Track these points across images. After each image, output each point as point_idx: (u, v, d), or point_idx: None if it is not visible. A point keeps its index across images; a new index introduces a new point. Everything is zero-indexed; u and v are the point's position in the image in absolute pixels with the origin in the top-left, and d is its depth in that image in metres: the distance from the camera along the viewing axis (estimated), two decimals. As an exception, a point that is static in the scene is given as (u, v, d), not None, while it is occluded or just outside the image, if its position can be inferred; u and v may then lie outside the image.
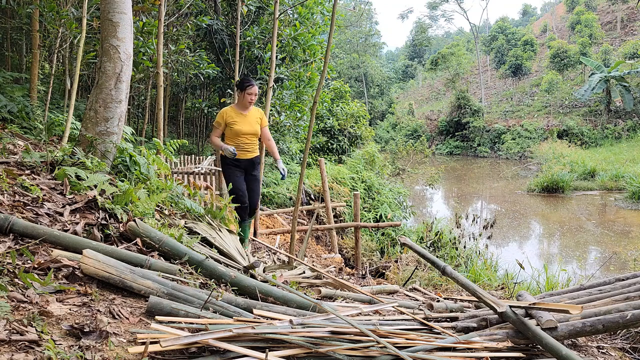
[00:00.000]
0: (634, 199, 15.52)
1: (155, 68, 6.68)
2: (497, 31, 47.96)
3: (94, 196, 2.80)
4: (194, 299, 2.08)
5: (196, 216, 3.75)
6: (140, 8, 6.76)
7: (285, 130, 12.04)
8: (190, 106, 14.34)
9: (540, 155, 26.20)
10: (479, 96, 41.41)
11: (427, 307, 3.00)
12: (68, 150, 3.34)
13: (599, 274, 7.03)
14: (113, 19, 3.55)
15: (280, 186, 11.99)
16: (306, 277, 3.92)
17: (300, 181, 5.02)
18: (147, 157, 3.71)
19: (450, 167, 27.93)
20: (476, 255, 7.74)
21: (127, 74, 3.62)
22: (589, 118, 31.17)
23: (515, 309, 2.28)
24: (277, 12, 6.27)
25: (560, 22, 52.96)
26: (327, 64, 5.04)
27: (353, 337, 1.90)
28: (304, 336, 1.82)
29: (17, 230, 2.19)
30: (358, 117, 17.97)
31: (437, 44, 64.13)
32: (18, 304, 1.66)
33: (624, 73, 28.11)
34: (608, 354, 2.47)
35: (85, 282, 2.00)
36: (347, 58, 43.68)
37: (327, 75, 12.64)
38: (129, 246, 2.56)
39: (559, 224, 13.75)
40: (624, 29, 42.81)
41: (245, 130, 4.52)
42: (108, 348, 1.58)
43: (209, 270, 2.65)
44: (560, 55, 35.14)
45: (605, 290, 2.84)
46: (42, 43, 6.76)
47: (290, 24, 11.38)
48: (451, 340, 2.10)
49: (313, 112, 4.81)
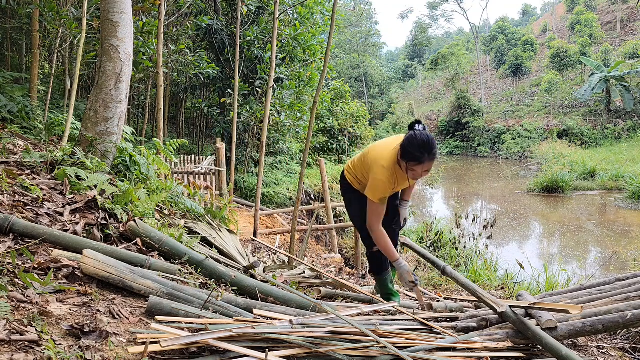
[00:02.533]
0: (634, 199, 15.52)
1: (155, 68, 6.68)
2: (497, 31, 47.96)
3: (94, 196, 2.80)
4: (194, 299, 2.08)
5: (196, 216, 3.75)
6: (140, 8, 6.76)
7: (285, 130, 12.05)
8: (190, 106, 14.34)
9: (540, 155, 26.20)
10: (479, 96, 41.41)
11: (427, 307, 3.00)
12: (68, 150, 3.34)
13: (599, 274, 7.03)
14: (113, 19, 3.55)
15: (280, 186, 11.99)
16: (306, 277, 3.92)
17: (300, 181, 5.02)
18: (147, 157, 3.71)
19: (450, 167, 27.93)
20: (476, 255, 7.74)
21: (127, 74, 3.62)
22: (589, 118, 31.17)
23: (515, 309, 2.28)
24: (277, 12, 6.27)
25: (560, 22, 52.96)
26: (327, 64, 5.04)
27: (353, 337, 1.90)
28: (304, 336, 1.82)
29: (17, 230, 2.19)
30: (358, 117, 17.97)
31: (437, 44, 64.14)
32: (18, 304, 1.66)
33: (624, 73, 28.11)
34: (608, 354, 2.47)
35: (85, 282, 2.00)
36: (347, 58, 43.68)
37: (327, 75, 12.64)
38: (129, 246, 2.56)
39: (559, 224, 13.75)
40: (624, 29, 42.81)
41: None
42: (108, 348, 1.58)
43: (209, 270, 2.65)
44: (560, 55, 35.14)
45: (605, 290, 2.84)
46: (42, 43, 6.76)
47: (290, 24, 11.38)
48: (451, 340, 2.10)
49: (313, 112, 4.81)
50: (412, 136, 2.60)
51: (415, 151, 2.60)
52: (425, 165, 2.64)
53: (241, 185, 11.31)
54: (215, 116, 11.90)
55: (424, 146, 2.58)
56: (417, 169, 2.66)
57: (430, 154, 2.60)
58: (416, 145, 2.60)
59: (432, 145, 2.60)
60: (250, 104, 11.03)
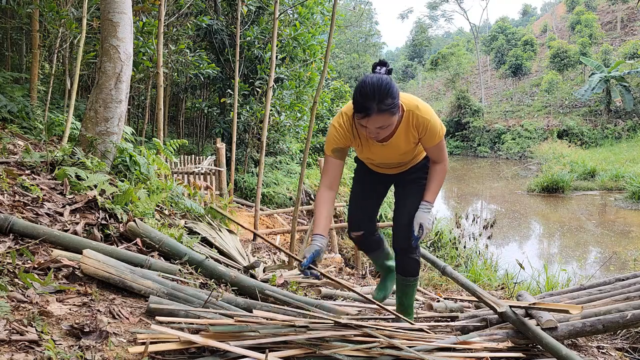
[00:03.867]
0: (634, 199, 15.52)
1: (155, 68, 6.68)
2: (497, 31, 47.96)
3: (94, 196, 2.80)
4: (194, 299, 2.08)
5: (196, 216, 3.75)
6: (140, 8, 6.77)
7: (285, 130, 12.05)
8: (190, 106, 14.34)
9: (540, 155, 26.20)
10: (479, 96, 41.41)
11: (427, 307, 3.00)
12: (68, 150, 3.34)
13: (599, 274, 7.03)
14: (113, 19, 3.56)
15: (280, 186, 11.99)
16: (306, 277, 3.92)
17: (300, 181, 5.02)
18: (147, 157, 3.71)
19: (450, 167, 27.87)
20: (476, 255, 7.74)
21: (127, 74, 3.62)
22: (589, 118, 31.17)
23: (515, 309, 2.29)
24: (277, 12, 6.27)
25: (560, 22, 52.95)
26: (327, 64, 5.04)
27: (353, 337, 1.90)
28: (304, 337, 1.82)
29: (17, 230, 2.19)
30: (358, 117, 17.95)
31: (437, 44, 64.15)
32: (18, 304, 1.66)
33: (624, 73, 28.11)
34: (608, 354, 2.47)
35: (85, 282, 2.00)
36: (347, 58, 43.64)
37: (327, 75, 12.64)
38: (129, 246, 2.56)
39: (559, 224, 13.75)
40: (624, 29, 42.80)
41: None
42: (108, 348, 1.58)
43: (209, 270, 2.66)
44: (560, 55, 35.13)
45: (605, 290, 2.84)
46: (42, 43, 6.75)
47: (290, 24, 11.37)
48: (451, 340, 2.10)
49: (313, 112, 4.81)
50: (362, 81, 1.98)
51: (360, 99, 1.96)
52: (373, 120, 1.97)
53: (241, 185, 11.31)
54: (215, 116, 11.90)
55: (371, 93, 1.93)
56: (367, 124, 2.01)
57: (381, 103, 1.93)
58: (363, 92, 1.95)
59: (383, 92, 1.93)
60: (250, 104, 11.03)
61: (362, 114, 1.97)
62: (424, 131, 2.18)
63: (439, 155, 2.30)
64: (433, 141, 2.23)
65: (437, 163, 2.33)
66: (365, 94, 1.94)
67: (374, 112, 1.94)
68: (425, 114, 2.15)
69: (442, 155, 2.31)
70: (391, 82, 1.97)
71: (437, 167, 2.33)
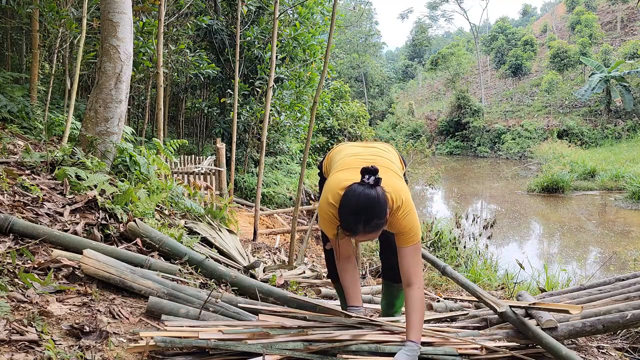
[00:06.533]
0: (634, 199, 15.51)
1: (155, 68, 6.68)
2: (497, 31, 47.96)
3: (94, 196, 2.80)
4: (194, 299, 2.08)
5: (196, 216, 3.75)
6: (140, 8, 6.77)
7: (285, 130, 12.05)
8: (190, 106, 14.34)
9: (540, 155, 26.19)
10: (479, 96, 41.40)
11: (427, 307, 3.00)
12: (68, 150, 3.35)
13: (599, 274, 7.02)
14: (113, 19, 3.56)
15: (280, 186, 11.99)
16: (306, 277, 3.92)
17: (300, 181, 5.02)
18: (147, 157, 3.71)
19: (450, 167, 27.91)
20: (476, 255, 7.73)
21: (127, 74, 3.63)
22: (589, 118, 31.17)
23: (515, 309, 2.28)
24: (277, 12, 6.27)
25: (560, 22, 52.94)
26: (327, 64, 5.04)
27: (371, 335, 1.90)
28: (305, 337, 1.82)
29: (17, 230, 2.19)
30: (358, 117, 17.97)
31: (437, 44, 64.13)
32: (18, 304, 1.66)
33: (624, 73, 28.11)
34: (608, 354, 2.47)
35: (85, 282, 2.00)
36: (347, 58, 43.66)
37: (327, 75, 12.64)
38: (129, 246, 2.56)
39: (559, 224, 13.75)
40: (624, 29, 42.80)
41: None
42: (108, 348, 1.58)
43: (209, 270, 2.66)
44: (560, 55, 35.13)
45: (605, 290, 2.84)
46: (42, 43, 6.76)
47: (290, 24, 11.37)
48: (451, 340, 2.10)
49: (313, 112, 4.81)
50: (348, 198, 1.82)
51: (346, 219, 1.84)
52: (359, 237, 1.89)
53: (241, 185, 11.31)
54: (215, 116, 11.91)
55: (358, 215, 1.80)
56: (352, 238, 1.98)
57: (368, 225, 1.81)
58: (348, 212, 1.82)
59: (370, 214, 1.79)
60: (250, 104, 11.03)
61: (347, 232, 1.87)
62: (400, 235, 1.98)
63: (411, 263, 1.96)
64: (406, 242, 1.97)
65: (410, 285, 1.95)
66: (351, 215, 1.81)
67: (360, 232, 1.83)
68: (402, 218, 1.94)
69: (416, 266, 1.98)
70: (379, 198, 1.79)
71: (412, 293, 1.94)
